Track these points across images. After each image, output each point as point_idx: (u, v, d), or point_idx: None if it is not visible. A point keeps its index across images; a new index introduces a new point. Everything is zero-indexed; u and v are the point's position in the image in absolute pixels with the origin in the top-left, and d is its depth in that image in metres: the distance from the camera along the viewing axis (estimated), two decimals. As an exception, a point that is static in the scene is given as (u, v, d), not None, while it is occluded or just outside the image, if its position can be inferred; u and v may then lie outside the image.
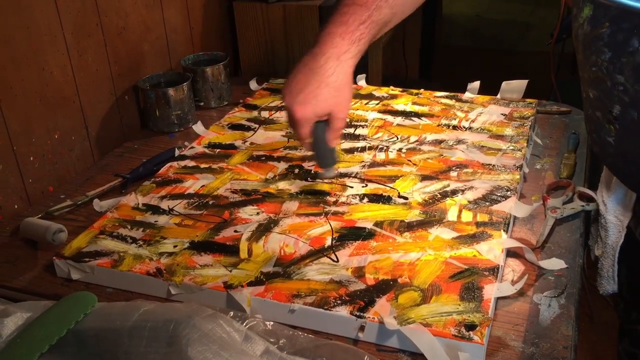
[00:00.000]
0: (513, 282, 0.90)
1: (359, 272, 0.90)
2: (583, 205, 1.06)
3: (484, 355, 0.79)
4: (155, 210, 1.08)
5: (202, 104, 1.55)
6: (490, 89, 1.48)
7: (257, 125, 1.38)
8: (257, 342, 0.63)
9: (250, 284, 0.89)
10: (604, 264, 1.02)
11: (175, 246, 0.98)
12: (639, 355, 1.09)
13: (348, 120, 1.37)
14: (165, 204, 1.10)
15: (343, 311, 0.83)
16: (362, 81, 1.59)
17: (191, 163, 1.23)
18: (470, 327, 0.79)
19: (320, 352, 0.66)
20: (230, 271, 0.92)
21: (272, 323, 0.68)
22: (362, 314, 0.82)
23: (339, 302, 0.85)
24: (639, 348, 1.10)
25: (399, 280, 0.89)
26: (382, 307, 0.84)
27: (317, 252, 0.95)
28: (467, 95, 1.47)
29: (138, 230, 1.03)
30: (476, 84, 1.48)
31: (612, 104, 0.80)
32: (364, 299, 0.85)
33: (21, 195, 1.19)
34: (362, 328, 0.82)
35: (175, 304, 0.66)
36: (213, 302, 0.89)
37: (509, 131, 1.29)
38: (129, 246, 0.99)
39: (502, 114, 1.36)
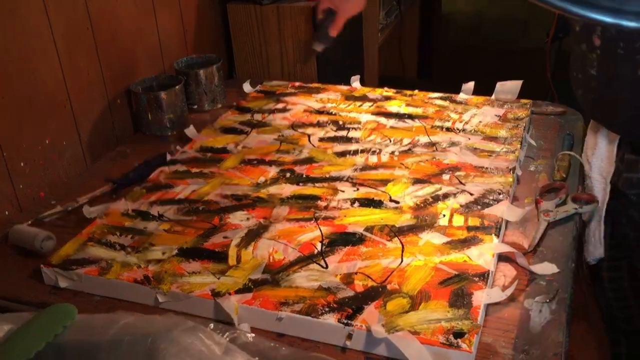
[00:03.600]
0: (504, 288, 0.89)
1: (348, 279, 0.90)
2: (576, 208, 1.05)
3: (473, 363, 0.78)
4: (145, 216, 1.08)
5: (195, 107, 1.54)
6: (488, 88, 1.46)
7: (249, 129, 1.37)
8: (237, 355, 0.62)
9: (238, 292, 0.88)
10: (591, 227, 1.02)
11: (163, 253, 0.97)
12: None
13: (341, 123, 1.36)
14: (155, 210, 1.09)
15: (331, 319, 0.82)
16: (356, 82, 1.57)
17: (182, 168, 1.23)
18: (459, 334, 0.78)
19: (303, 364, 0.65)
20: (219, 278, 0.91)
21: (253, 335, 0.67)
22: (349, 321, 0.81)
23: (327, 309, 0.84)
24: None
25: (388, 286, 0.88)
26: (371, 314, 0.83)
27: (307, 259, 0.94)
28: (461, 96, 1.45)
29: (127, 237, 1.02)
30: (470, 85, 1.47)
31: (594, 28, 0.90)
32: (352, 306, 0.84)
33: (12, 201, 1.18)
34: (350, 336, 0.82)
35: (156, 316, 0.66)
36: (200, 310, 0.89)
37: (502, 133, 1.27)
38: (117, 253, 0.98)
39: (496, 115, 1.35)
